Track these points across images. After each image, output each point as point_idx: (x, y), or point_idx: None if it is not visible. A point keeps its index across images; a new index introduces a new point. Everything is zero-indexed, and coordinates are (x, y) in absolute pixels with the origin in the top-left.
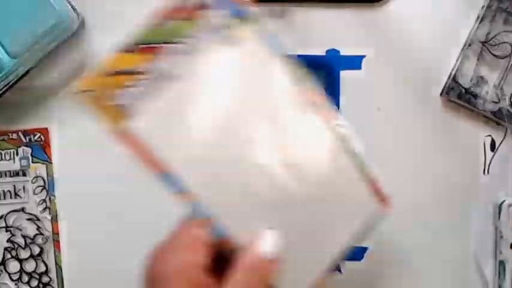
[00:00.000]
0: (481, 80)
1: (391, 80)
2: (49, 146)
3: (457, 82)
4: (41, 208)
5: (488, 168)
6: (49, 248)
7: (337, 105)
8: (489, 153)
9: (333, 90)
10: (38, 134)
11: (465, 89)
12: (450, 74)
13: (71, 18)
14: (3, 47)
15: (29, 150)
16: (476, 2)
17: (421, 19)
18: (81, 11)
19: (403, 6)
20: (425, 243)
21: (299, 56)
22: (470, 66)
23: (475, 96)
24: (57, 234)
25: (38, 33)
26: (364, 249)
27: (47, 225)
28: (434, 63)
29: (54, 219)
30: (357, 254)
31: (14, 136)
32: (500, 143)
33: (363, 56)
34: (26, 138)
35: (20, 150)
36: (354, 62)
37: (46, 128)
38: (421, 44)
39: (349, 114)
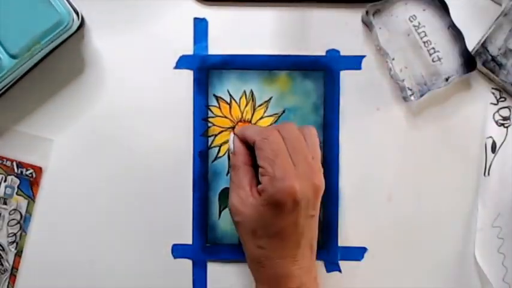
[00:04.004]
0: (509, 52)
1: (391, 80)
2: (37, 184)
3: (485, 48)
4: (9, 240)
5: (489, 169)
6: (4, 280)
7: (337, 105)
8: (490, 155)
9: (333, 90)
10: (31, 170)
11: (492, 56)
12: (480, 40)
13: (71, 18)
14: (3, 47)
15: (17, 181)
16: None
17: None
18: (81, 11)
19: None
20: (425, 243)
21: (299, 56)
22: (501, 36)
23: (500, 65)
24: (16, 269)
25: (38, 33)
26: (364, 249)
27: (10, 258)
28: None
29: (18, 254)
30: (356, 254)
31: (8, 163)
32: (501, 145)
33: (363, 56)
34: (18, 170)
35: (9, 178)
36: (354, 62)
37: (40, 168)
38: None
39: (349, 114)
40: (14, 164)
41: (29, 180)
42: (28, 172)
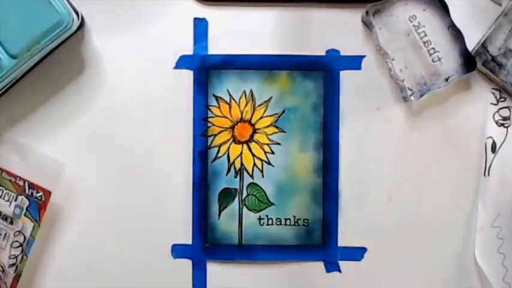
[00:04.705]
0: (509, 52)
1: (391, 80)
2: (45, 208)
3: (485, 48)
4: (10, 262)
5: (489, 169)
6: None
7: (337, 105)
8: (490, 155)
9: (332, 90)
10: (41, 193)
11: (492, 56)
12: (480, 40)
13: (71, 18)
14: (3, 47)
15: (26, 202)
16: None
17: None
18: (81, 11)
19: None
20: (425, 244)
21: (299, 56)
22: (501, 36)
23: (500, 65)
24: None
25: (38, 33)
26: (364, 249)
27: (8, 280)
28: None
29: (17, 278)
30: (356, 254)
31: (21, 183)
32: (501, 145)
33: (363, 56)
34: (29, 190)
35: (19, 198)
36: (354, 62)
37: (50, 192)
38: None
39: (349, 114)
40: (26, 184)
41: (37, 203)
42: (38, 195)
